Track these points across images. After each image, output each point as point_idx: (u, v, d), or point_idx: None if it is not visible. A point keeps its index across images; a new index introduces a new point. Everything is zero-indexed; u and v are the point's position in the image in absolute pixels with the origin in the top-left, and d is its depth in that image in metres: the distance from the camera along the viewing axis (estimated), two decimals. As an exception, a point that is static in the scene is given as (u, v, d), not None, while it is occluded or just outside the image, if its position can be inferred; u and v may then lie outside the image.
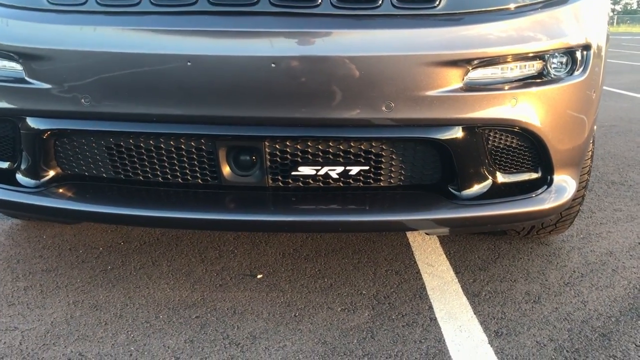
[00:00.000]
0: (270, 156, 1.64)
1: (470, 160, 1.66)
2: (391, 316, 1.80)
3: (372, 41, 1.50)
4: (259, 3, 1.50)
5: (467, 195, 1.70)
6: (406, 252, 2.27)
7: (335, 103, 1.51)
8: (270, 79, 1.49)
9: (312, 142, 1.62)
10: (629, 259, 2.24)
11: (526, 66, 1.62)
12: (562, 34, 1.64)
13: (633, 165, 3.72)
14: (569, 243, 2.39)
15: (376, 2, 1.51)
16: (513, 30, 1.58)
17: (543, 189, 1.75)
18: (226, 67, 1.50)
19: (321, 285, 1.99)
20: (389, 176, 1.71)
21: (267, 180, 1.68)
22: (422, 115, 1.55)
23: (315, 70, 1.49)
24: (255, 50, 1.48)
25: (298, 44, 1.49)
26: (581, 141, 1.79)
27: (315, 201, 1.70)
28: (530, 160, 1.73)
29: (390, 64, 1.50)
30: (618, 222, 2.66)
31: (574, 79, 1.67)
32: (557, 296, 1.94)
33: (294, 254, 2.23)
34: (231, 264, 2.16)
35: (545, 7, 1.66)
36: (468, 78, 1.55)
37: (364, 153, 1.65)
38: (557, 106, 1.66)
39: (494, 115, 1.60)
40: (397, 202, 1.71)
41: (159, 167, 1.70)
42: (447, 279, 2.05)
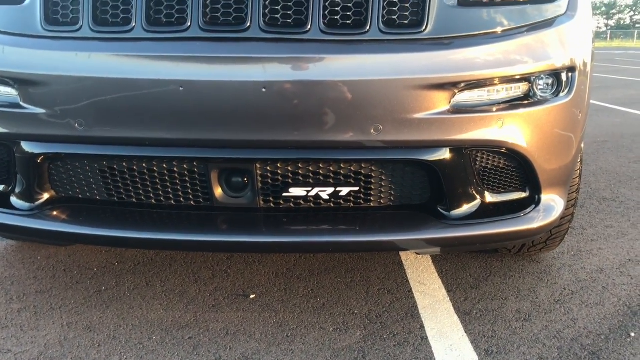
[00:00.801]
0: (261, 178, 1.66)
1: (458, 180, 1.69)
2: (382, 336, 1.81)
3: (360, 66, 1.53)
4: (250, 29, 1.53)
5: (456, 215, 1.72)
6: (399, 271, 2.28)
7: (324, 126, 1.54)
8: (261, 104, 1.52)
9: (302, 164, 1.65)
10: (619, 276, 2.27)
11: (512, 88, 1.65)
12: (547, 56, 1.68)
13: (624, 181, 3.75)
14: (560, 260, 2.41)
15: (364, 27, 1.54)
16: (499, 54, 1.62)
17: (531, 208, 1.78)
18: (217, 92, 1.53)
19: (314, 305, 2.01)
20: (379, 197, 1.73)
21: (259, 202, 1.70)
22: (410, 137, 1.58)
23: (305, 94, 1.52)
24: (246, 76, 1.52)
25: (288, 69, 1.52)
26: (568, 160, 1.82)
27: (307, 222, 1.72)
28: (518, 180, 1.76)
29: (378, 88, 1.53)
30: (609, 238, 2.68)
31: (559, 100, 1.70)
32: (547, 314, 1.96)
33: (287, 274, 2.25)
34: (224, 284, 2.17)
35: (531, 30, 1.69)
36: (455, 101, 1.59)
37: (353, 174, 1.68)
38: (543, 127, 1.69)
39: (481, 137, 1.63)
40: (386, 223, 1.73)
41: (152, 190, 1.73)
42: (439, 298, 2.07)
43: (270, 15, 1.53)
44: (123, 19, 1.57)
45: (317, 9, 1.53)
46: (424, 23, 1.57)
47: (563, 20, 1.74)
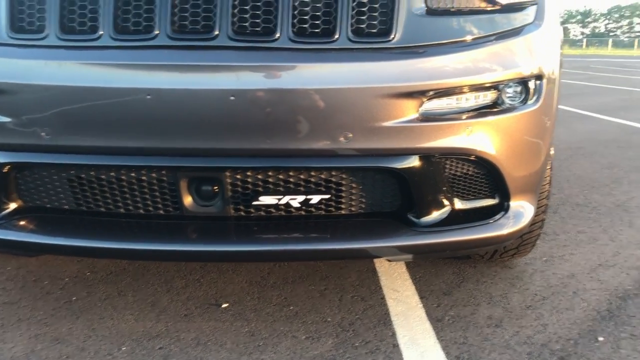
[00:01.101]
0: (231, 186, 1.65)
1: (427, 188, 1.70)
2: (354, 343, 1.81)
3: (329, 74, 1.54)
4: (218, 37, 1.53)
5: (426, 222, 1.73)
6: (372, 278, 2.29)
7: (294, 134, 1.54)
8: (230, 112, 1.51)
9: (272, 172, 1.65)
10: (590, 281, 2.29)
11: (481, 96, 1.67)
12: (515, 64, 1.70)
13: (597, 187, 3.81)
14: (532, 266, 2.44)
15: (332, 36, 1.55)
16: (467, 62, 1.63)
17: (500, 215, 1.79)
18: (185, 100, 1.52)
19: (286, 314, 2.00)
20: (350, 204, 1.74)
21: (229, 210, 1.69)
22: (379, 145, 1.59)
23: (274, 102, 1.52)
24: (215, 84, 1.51)
25: (256, 77, 1.52)
26: (537, 167, 1.84)
27: (278, 230, 1.72)
28: (487, 187, 1.78)
29: (347, 96, 1.53)
30: (580, 244, 2.72)
31: (527, 107, 1.73)
32: (518, 319, 1.97)
33: (261, 282, 2.24)
34: (197, 293, 2.15)
35: (499, 39, 1.71)
36: (424, 109, 1.60)
37: (324, 182, 1.68)
38: (512, 134, 1.71)
39: (450, 145, 1.64)
40: (357, 230, 1.73)
41: (121, 199, 1.71)
42: (411, 304, 2.07)
43: (239, 24, 1.53)
44: (90, 27, 1.55)
45: (286, 18, 1.53)
46: (392, 32, 1.58)
47: (531, 29, 1.77)
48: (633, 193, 3.65)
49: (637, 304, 2.10)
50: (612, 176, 4.11)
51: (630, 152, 5.02)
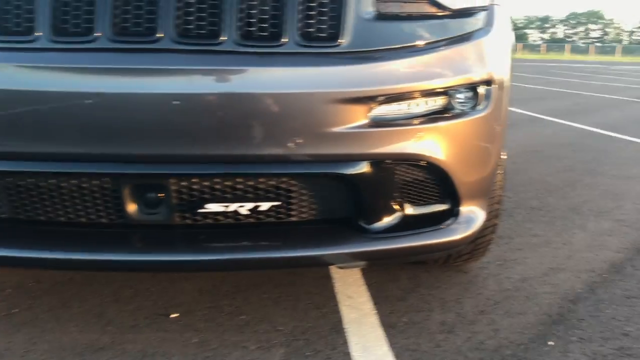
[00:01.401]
0: (176, 194, 1.60)
1: (378, 194, 1.68)
2: (305, 353, 1.78)
3: (277, 79, 1.51)
4: (161, 40, 1.48)
5: (377, 229, 1.71)
6: (327, 285, 2.26)
7: (240, 140, 1.51)
8: (173, 117, 1.47)
9: (219, 178, 1.60)
10: (542, 284, 2.31)
11: (431, 102, 1.66)
12: (465, 70, 1.70)
13: (552, 190, 3.87)
14: (486, 270, 2.45)
15: (279, 40, 1.52)
16: (417, 68, 1.62)
17: (451, 220, 1.79)
18: (127, 105, 1.47)
19: (238, 323, 1.95)
20: (300, 211, 1.71)
21: (175, 219, 1.64)
22: (328, 151, 1.56)
23: (219, 107, 1.48)
24: (157, 88, 1.46)
25: (201, 81, 1.48)
26: (487, 173, 1.84)
27: (226, 239, 1.68)
28: (437, 193, 1.77)
29: (295, 101, 1.50)
30: (534, 247, 2.74)
31: (477, 113, 1.72)
32: (471, 325, 1.97)
33: (213, 291, 2.19)
34: (146, 303, 2.09)
35: (449, 44, 1.70)
36: (374, 114, 1.58)
37: (273, 189, 1.65)
38: (461, 140, 1.71)
39: (400, 150, 1.62)
40: (308, 238, 1.70)
41: (62, 207, 1.64)
42: (365, 311, 2.05)
43: (183, 26, 1.49)
44: (26, 28, 1.48)
45: (232, 21, 1.49)
46: (340, 36, 1.56)
47: (481, 35, 1.77)
48: (586, 196, 3.72)
49: (586, 307, 2.12)
50: (566, 179, 4.18)
51: (584, 155, 5.13)
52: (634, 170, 4.52)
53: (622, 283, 2.35)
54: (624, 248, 2.76)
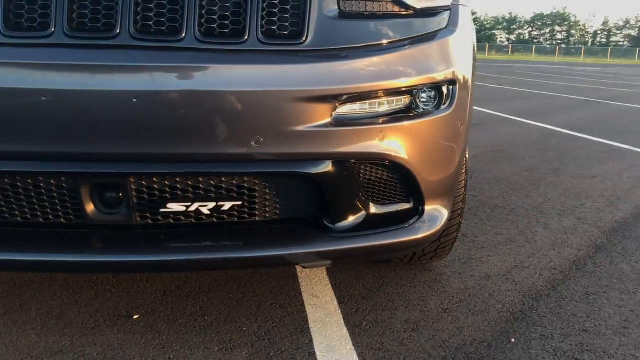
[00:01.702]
0: (136, 193, 1.57)
1: (342, 193, 1.67)
2: (269, 353, 1.76)
3: (238, 76, 1.48)
4: (119, 36, 1.45)
5: (341, 228, 1.71)
6: (292, 284, 2.25)
7: (201, 139, 1.48)
8: (132, 115, 1.43)
9: (180, 178, 1.57)
10: (505, 282, 2.34)
11: (394, 101, 1.66)
12: (429, 69, 1.70)
13: (516, 189, 3.92)
14: (450, 268, 2.46)
15: (242, 37, 1.50)
16: (381, 67, 1.62)
17: (415, 219, 1.79)
18: (85, 102, 1.43)
19: (201, 324, 1.93)
20: (264, 211, 1.69)
21: (135, 218, 1.61)
22: (291, 150, 1.55)
23: (180, 105, 1.45)
24: (116, 85, 1.43)
25: (160, 79, 1.45)
26: (451, 172, 1.85)
27: (188, 239, 1.65)
28: (401, 192, 1.77)
29: (257, 99, 1.48)
30: (498, 245, 2.78)
31: (441, 112, 1.73)
32: (435, 323, 1.98)
33: (176, 291, 2.16)
34: (107, 304, 2.05)
35: (413, 43, 1.71)
36: (337, 113, 1.57)
37: (236, 188, 1.63)
38: (425, 139, 1.71)
39: (363, 150, 1.62)
40: (271, 237, 1.69)
41: (17, 207, 1.59)
42: (330, 310, 2.05)
43: (142, 22, 1.45)
44: (-23, 22, 1.43)
45: (193, 17, 1.47)
46: (303, 34, 1.54)
47: (444, 34, 1.77)
48: (549, 195, 3.78)
49: (548, 304, 2.15)
50: (530, 178, 4.24)
51: (548, 154, 5.22)
52: (596, 170, 4.62)
53: (582, 280, 2.39)
54: (585, 246, 2.82)
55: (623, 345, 1.87)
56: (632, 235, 2.99)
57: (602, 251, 2.75)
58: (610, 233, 3.02)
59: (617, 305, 2.16)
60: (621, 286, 2.34)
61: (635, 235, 3.00)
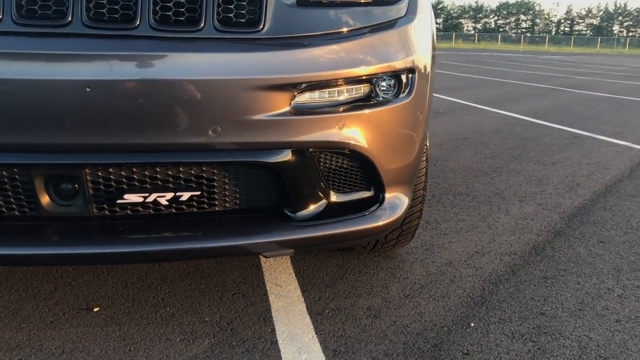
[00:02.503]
0: (92, 184, 1.54)
1: (302, 182, 1.67)
2: (231, 343, 1.76)
3: (194, 65, 1.46)
4: (71, 24, 1.41)
5: (302, 217, 1.71)
6: (256, 274, 2.25)
7: (157, 128, 1.46)
8: (86, 104, 1.40)
9: (137, 168, 1.55)
10: (466, 267, 2.38)
11: (353, 89, 1.66)
12: (388, 57, 1.70)
13: (479, 176, 3.98)
14: (413, 255, 2.49)
15: (197, 25, 1.48)
16: (339, 55, 1.61)
17: (376, 207, 1.81)
18: (37, 91, 1.39)
19: (162, 315, 1.91)
20: (224, 200, 1.68)
21: (92, 210, 1.58)
22: (250, 139, 1.54)
23: (135, 94, 1.43)
24: (68, 74, 1.39)
25: (114, 67, 1.42)
26: (410, 159, 1.87)
27: (146, 230, 1.63)
28: (362, 180, 1.78)
29: (213, 88, 1.47)
30: (460, 232, 2.82)
31: (400, 100, 1.74)
32: (396, 309, 2.01)
33: (137, 283, 2.13)
34: (67, 297, 2.02)
35: (372, 32, 1.71)
36: (295, 102, 1.56)
37: (194, 178, 1.61)
38: (384, 127, 1.72)
39: (323, 138, 1.62)
40: (231, 227, 1.68)
41: (-32, 200, 1.55)
42: (293, 299, 2.05)
43: (95, 10, 1.42)
44: None
45: (147, 4, 1.44)
46: (261, 22, 1.53)
47: (403, 22, 1.78)
48: (511, 182, 3.85)
49: (507, 288, 2.20)
50: (493, 165, 4.31)
51: (511, 142, 5.30)
52: (557, 156, 4.71)
53: (541, 264, 2.44)
54: (545, 231, 2.88)
55: (578, 327, 1.92)
56: (590, 220, 3.07)
57: (560, 236, 2.81)
58: (569, 218, 3.09)
59: (573, 288, 2.22)
60: (578, 269, 2.40)
61: (593, 220, 3.08)
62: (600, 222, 3.05)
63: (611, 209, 3.28)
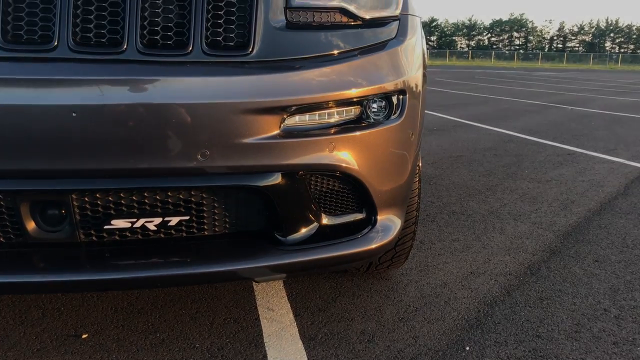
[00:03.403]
0: (79, 210, 1.52)
1: (293, 205, 1.65)
2: (222, 370, 1.73)
3: (182, 89, 1.45)
4: (57, 49, 1.40)
5: (293, 240, 1.69)
6: (248, 297, 2.21)
7: (145, 153, 1.44)
8: (72, 130, 1.38)
9: (124, 193, 1.53)
10: (461, 289, 2.35)
11: (344, 112, 1.65)
12: (379, 79, 1.70)
13: (473, 194, 3.97)
14: (407, 276, 2.46)
15: (185, 48, 1.47)
16: (330, 77, 1.60)
17: (368, 229, 1.78)
18: (21, 117, 1.37)
19: (152, 341, 1.88)
20: (213, 225, 1.66)
21: (79, 236, 1.56)
22: (239, 163, 1.52)
23: (121, 119, 1.41)
24: (54, 99, 1.38)
25: (101, 92, 1.40)
26: (402, 181, 1.85)
27: (134, 256, 1.60)
28: (353, 202, 1.76)
29: (202, 112, 1.45)
30: (455, 252, 2.79)
31: (391, 122, 1.73)
32: (390, 333, 1.97)
33: (128, 308, 2.10)
34: (55, 324, 1.98)
35: (362, 54, 1.70)
36: (285, 125, 1.55)
37: (183, 202, 1.59)
38: (375, 149, 1.70)
39: (313, 161, 1.60)
40: (221, 252, 1.65)
41: (-48, 227, 1.52)
42: (285, 324, 2.02)
43: (81, 34, 1.41)
44: None
45: (134, 28, 1.43)
46: (249, 45, 1.52)
47: (394, 44, 1.78)
48: (506, 200, 3.83)
49: (502, 310, 2.17)
50: (487, 184, 4.30)
51: (505, 159, 5.30)
52: (551, 174, 4.71)
53: (536, 285, 2.42)
54: (540, 250, 2.86)
55: (575, 350, 1.89)
56: (585, 239, 3.05)
57: (556, 255, 2.79)
58: (564, 237, 3.07)
59: (569, 309, 2.19)
60: (573, 290, 2.37)
61: (588, 238, 3.06)
62: (595, 240, 3.03)
63: (606, 227, 3.27)
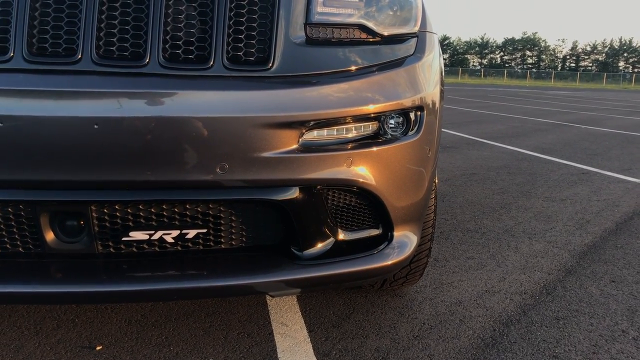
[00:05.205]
0: (98, 221, 1.53)
1: (310, 220, 1.65)
2: (236, 385, 1.72)
3: (202, 102, 1.46)
4: (81, 61, 1.42)
5: (309, 255, 1.68)
6: (261, 312, 2.21)
7: (165, 165, 1.45)
8: (93, 141, 1.40)
9: (143, 205, 1.54)
10: (476, 307, 2.33)
11: (362, 127, 1.65)
12: (396, 96, 1.70)
13: (488, 212, 3.94)
14: (421, 294, 2.45)
15: (207, 63, 1.48)
16: (348, 93, 1.61)
17: (384, 245, 1.78)
18: (44, 128, 1.39)
19: (166, 355, 1.87)
20: (230, 238, 1.66)
21: (97, 247, 1.57)
22: (257, 176, 1.52)
23: (142, 132, 1.42)
24: (76, 111, 1.39)
25: (123, 105, 1.42)
26: (419, 197, 1.84)
27: (151, 268, 1.60)
28: (370, 218, 1.76)
29: (222, 125, 1.46)
30: (469, 270, 2.77)
31: (408, 138, 1.73)
32: (405, 351, 1.96)
33: (142, 321, 2.10)
34: (69, 335, 1.98)
35: (380, 70, 1.71)
36: (303, 139, 1.55)
37: (200, 215, 1.59)
38: (393, 165, 1.70)
39: (331, 176, 1.60)
40: (237, 266, 1.65)
41: (-27, 236, 1.54)
42: (299, 339, 2.01)
43: (105, 47, 1.43)
44: None
45: (156, 42, 1.45)
46: (270, 60, 1.54)
47: (412, 61, 1.78)
48: (520, 218, 3.81)
49: (518, 329, 2.15)
50: (502, 202, 4.28)
51: (519, 177, 5.27)
52: (566, 192, 4.68)
53: (552, 304, 2.39)
54: (556, 269, 2.83)
55: (593, 371, 1.87)
56: (601, 259, 3.02)
57: (571, 275, 2.76)
58: (580, 256, 3.04)
59: (586, 330, 2.17)
60: (590, 310, 2.35)
61: (604, 258, 3.03)
62: (611, 260, 3.00)
63: (622, 247, 3.23)
